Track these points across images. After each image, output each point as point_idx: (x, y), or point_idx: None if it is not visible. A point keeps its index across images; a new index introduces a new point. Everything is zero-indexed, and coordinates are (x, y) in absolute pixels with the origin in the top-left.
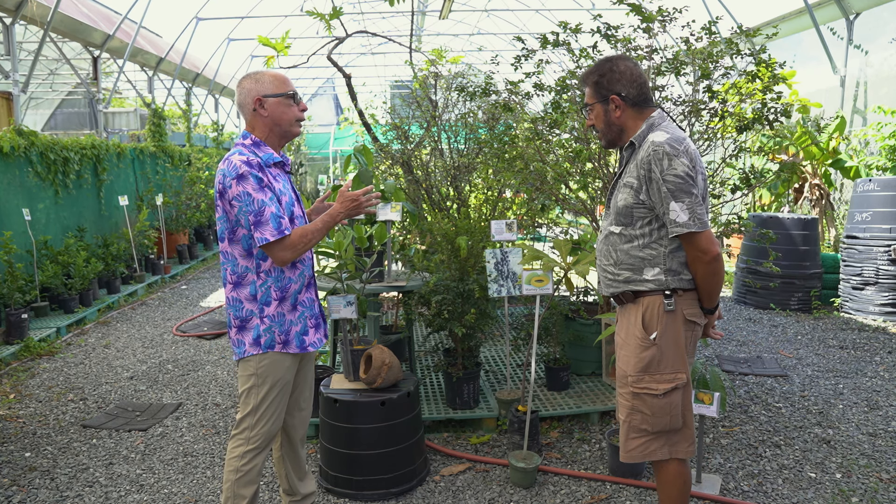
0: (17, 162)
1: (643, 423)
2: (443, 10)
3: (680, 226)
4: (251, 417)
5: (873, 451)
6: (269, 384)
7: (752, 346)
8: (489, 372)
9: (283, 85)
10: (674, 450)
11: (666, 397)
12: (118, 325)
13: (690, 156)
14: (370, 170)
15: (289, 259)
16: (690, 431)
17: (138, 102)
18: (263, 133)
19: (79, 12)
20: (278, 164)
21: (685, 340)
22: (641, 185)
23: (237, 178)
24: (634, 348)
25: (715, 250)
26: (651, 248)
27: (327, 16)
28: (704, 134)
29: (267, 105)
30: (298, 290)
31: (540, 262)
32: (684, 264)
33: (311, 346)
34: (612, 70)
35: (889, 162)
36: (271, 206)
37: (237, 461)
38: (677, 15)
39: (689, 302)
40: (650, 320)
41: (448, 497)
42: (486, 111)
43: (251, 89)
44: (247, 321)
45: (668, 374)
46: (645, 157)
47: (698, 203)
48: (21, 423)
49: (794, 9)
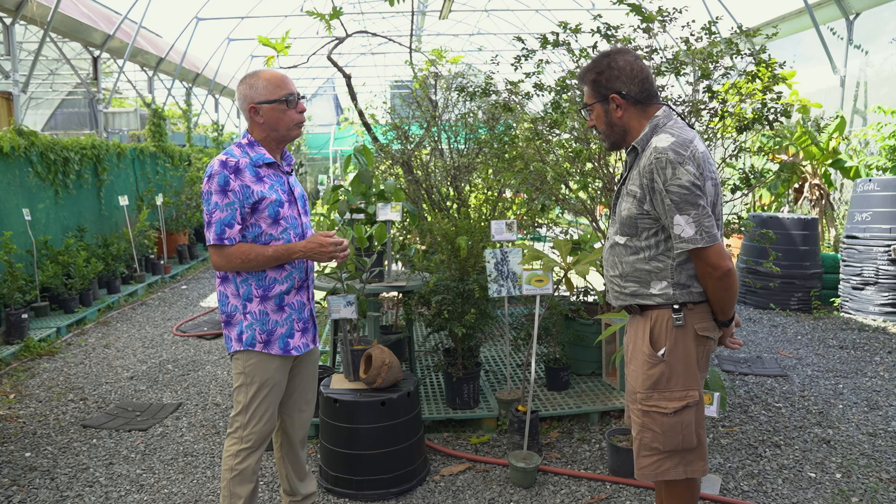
0: (17, 162)
1: (654, 442)
2: (443, 10)
3: (685, 241)
4: (242, 416)
5: (873, 451)
6: (258, 384)
7: (752, 346)
8: (489, 372)
9: (278, 89)
10: (689, 469)
11: (677, 416)
12: (118, 325)
13: (697, 161)
14: (370, 170)
15: (221, 267)
16: (704, 450)
17: (138, 102)
18: (261, 136)
19: (79, 12)
20: (272, 164)
21: (697, 356)
22: (645, 194)
23: (208, 177)
24: (642, 364)
25: (726, 265)
26: (658, 261)
27: (327, 16)
28: (704, 134)
29: (262, 112)
30: (286, 291)
31: (540, 262)
32: (694, 277)
33: (295, 349)
34: (610, 66)
35: (889, 162)
36: (223, 212)
37: (232, 460)
38: (677, 15)
39: (700, 315)
40: (658, 336)
41: (448, 497)
42: (486, 111)
43: (246, 96)
44: (232, 316)
45: (678, 392)
46: (647, 166)
47: (706, 215)
48: (21, 423)
49: (794, 9)
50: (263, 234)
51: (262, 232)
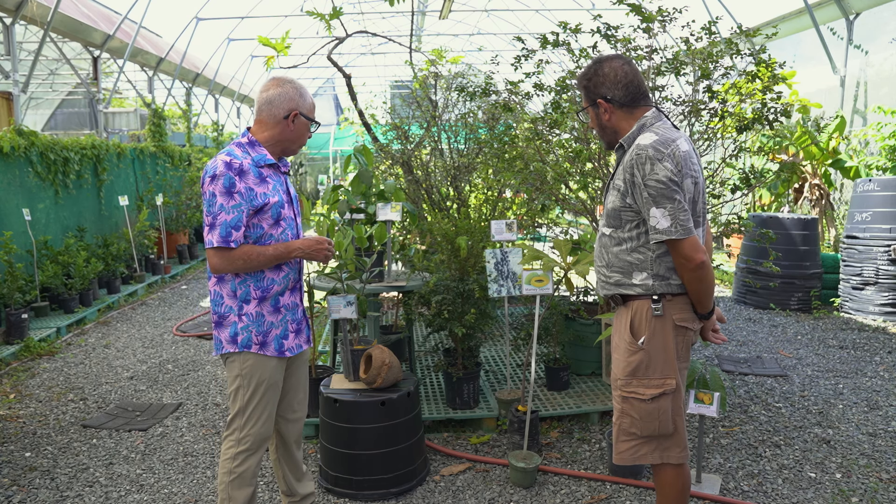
0: (17, 162)
1: (632, 427)
2: (443, 10)
3: (660, 232)
4: (240, 418)
5: (873, 451)
6: (255, 385)
7: (752, 346)
8: (489, 372)
9: (312, 111)
10: (665, 455)
11: (654, 402)
12: (118, 325)
13: (677, 159)
14: (370, 170)
15: (221, 269)
16: (682, 437)
17: (138, 102)
18: (270, 139)
19: (79, 12)
20: (272, 165)
21: (676, 346)
22: (627, 188)
23: (211, 178)
24: (623, 352)
25: (699, 258)
26: (638, 252)
27: (327, 16)
28: (704, 134)
29: (297, 122)
30: (281, 292)
31: (540, 262)
32: (673, 269)
33: (289, 350)
34: (596, 73)
35: (889, 162)
36: (229, 214)
37: (230, 463)
38: (677, 15)
39: (679, 307)
40: (638, 325)
41: (448, 497)
42: (486, 111)
43: (293, 97)
44: (224, 318)
45: (656, 380)
46: (629, 161)
47: (682, 209)
48: (21, 422)
49: (794, 9)
50: (265, 235)
51: (264, 233)
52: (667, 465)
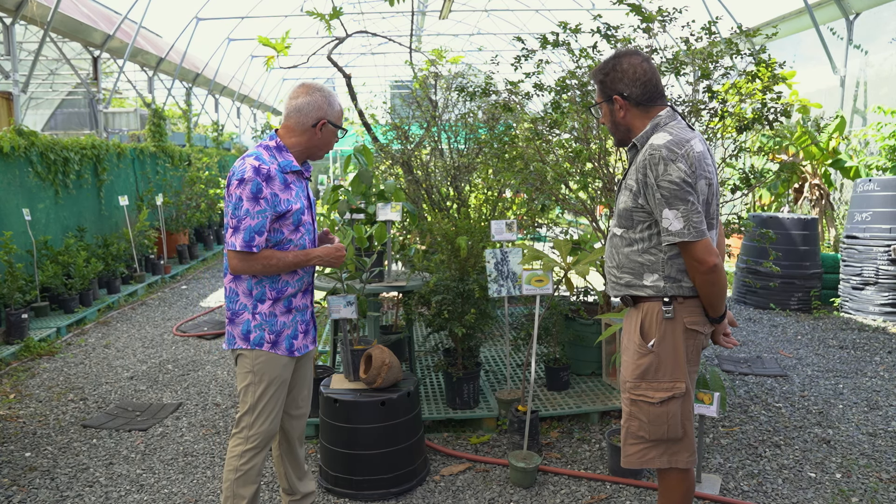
0: (17, 162)
1: (640, 431)
2: (443, 10)
3: (673, 234)
4: (249, 416)
5: (873, 451)
6: (266, 382)
7: (752, 346)
8: (489, 372)
9: (340, 119)
10: (673, 459)
11: (663, 406)
12: (118, 325)
13: (691, 160)
14: (370, 170)
15: (241, 271)
16: (691, 441)
17: (138, 102)
18: (297, 145)
19: (79, 12)
20: (296, 171)
21: (686, 349)
22: (639, 188)
23: (239, 181)
24: (633, 354)
25: (712, 261)
26: (650, 254)
27: (327, 16)
28: (704, 134)
29: (325, 130)
30: (294, 294)
31: (540, 262)
32: (684, 271)
33: (298, 351)
34: (614, 69)
35: (889, 162)
36: (254, 219)
37: (236, 460)
38: (677, 15)
39: (690, 310)
40: (648, 327)
41: (448, 497)
42: (486, 111)
43: (321, 106)
44: (238, 314)
45: (665, 383)
46: (642, 161)
47: (695, 211)
48: (21, 422)
49: (794, 9)
50: (285, 239)
51: (284, 238)
52: (673, 469)
